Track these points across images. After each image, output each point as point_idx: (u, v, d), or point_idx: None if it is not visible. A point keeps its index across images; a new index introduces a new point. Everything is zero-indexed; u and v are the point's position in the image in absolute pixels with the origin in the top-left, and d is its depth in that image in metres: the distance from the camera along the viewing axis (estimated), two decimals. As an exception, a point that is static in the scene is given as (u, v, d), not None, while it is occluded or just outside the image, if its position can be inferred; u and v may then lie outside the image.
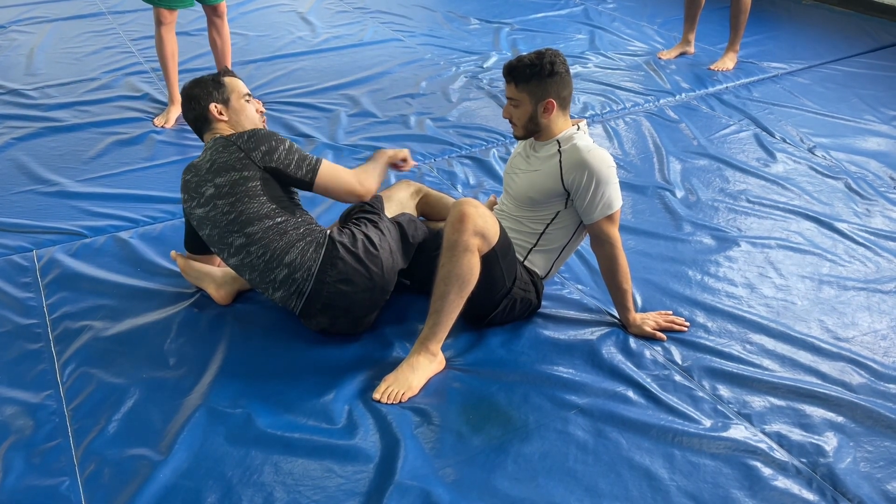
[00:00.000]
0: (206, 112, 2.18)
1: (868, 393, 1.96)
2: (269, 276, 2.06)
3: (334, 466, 1.74)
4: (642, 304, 2.28)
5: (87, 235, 2.64)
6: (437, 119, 3.54)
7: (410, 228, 2.23)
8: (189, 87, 2.22)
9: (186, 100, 2.20)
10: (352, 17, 5.01)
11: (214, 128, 2.19)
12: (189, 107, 2.20)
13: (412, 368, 1.97)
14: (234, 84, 2.24)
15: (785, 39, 4.64)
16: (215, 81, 2.22)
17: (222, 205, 2.05)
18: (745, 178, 3.05)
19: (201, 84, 2.21)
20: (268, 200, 2.06)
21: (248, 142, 2.08)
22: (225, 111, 2.19)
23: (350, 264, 2.03)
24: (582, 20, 4.95)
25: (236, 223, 2.04)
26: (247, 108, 2.22)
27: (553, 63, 2.05)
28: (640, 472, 1.73)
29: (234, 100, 2.21)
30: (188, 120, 2.23)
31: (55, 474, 1.72)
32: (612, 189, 2.08)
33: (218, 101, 2.19)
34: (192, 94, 2.19)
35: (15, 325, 2.20)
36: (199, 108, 2.18)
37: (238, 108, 2.21)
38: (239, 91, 2.23)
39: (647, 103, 3.73)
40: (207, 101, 2.18)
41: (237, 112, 2.20)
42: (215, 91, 2.19)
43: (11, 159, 3.15)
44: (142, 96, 3.75)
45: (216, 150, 2.10)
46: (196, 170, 2.14)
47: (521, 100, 2.08)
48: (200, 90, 2.19)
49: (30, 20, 4.81)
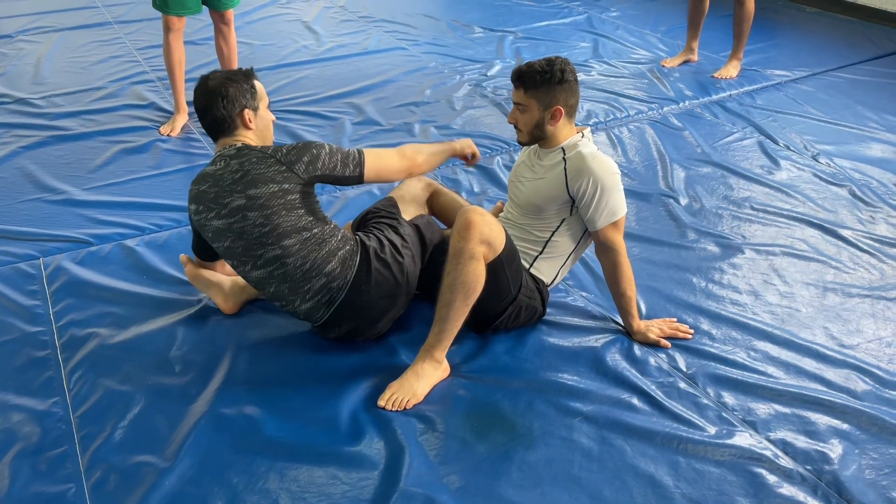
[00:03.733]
0: (235, 115, 2.00)
1: (873, 400, 1.96)
2: (304, 287, 2.00)
3: (339, 473, 1.75)
4: (647, 312, 2.28)
5: (93, 243, 2.65)
6: (441, 127, 3.56)
7: (428, 231, 2.22)
8: (220, 83, 1.98)
9: (216, 95, 1.97)
10: (356, 25, 5.03)
11: (237, 134, 2.03)
12: (217, 104, 1.97)
13: (417, 376, 1.97)
14: (262, 90, 2.09)
15: (788, 47, 4.65)
16: (250, 83, 2.03)
17: (255, 216, 1.94)
18: (749, 185, 3.05)
19: (235, 83, 2.00)
20: (305, 213, 1.97)
21: (289, 154, 1.96)
22: (254, 119, 2.03)
23: (381, 272, 2.03)
24: (585, 28, 4.97)
25: (271, 235, 1.95)
26: (270, 122, 2.10)
27: (563, 71, 2.07)
28: (645, 480, 1.73)
29: (262, 108, 2.06)
30: (209, 117, 2.00)
31: (61, 481, 1.73)
32: (617, 196, 2.08)
33: (251, 107, 2.02)
34: (224, 91, 1.97)
35: (22, 332, 2.21)
36: (231, 108, 1.99)
37: (265, 117, 2.08)
38: (266, 99, 2.10)
39: (651, 111, 3.74)
40: (241, 104, 2.00)
41: (264, 122, 2.07)
42: (249, 95, 2.01)
43: (18, 168, 3.17)
44: (148, 105, 3.77)
45: (248, 162, 1.95)
46: (215, 179, 1.99)
47: (529, 105, 2.08)
48: (236, 90, 1.99)
49: (36, 30, 4.85)
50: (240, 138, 2.03)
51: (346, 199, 2.95)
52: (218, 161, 2.02)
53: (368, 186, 3.04)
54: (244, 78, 2.03)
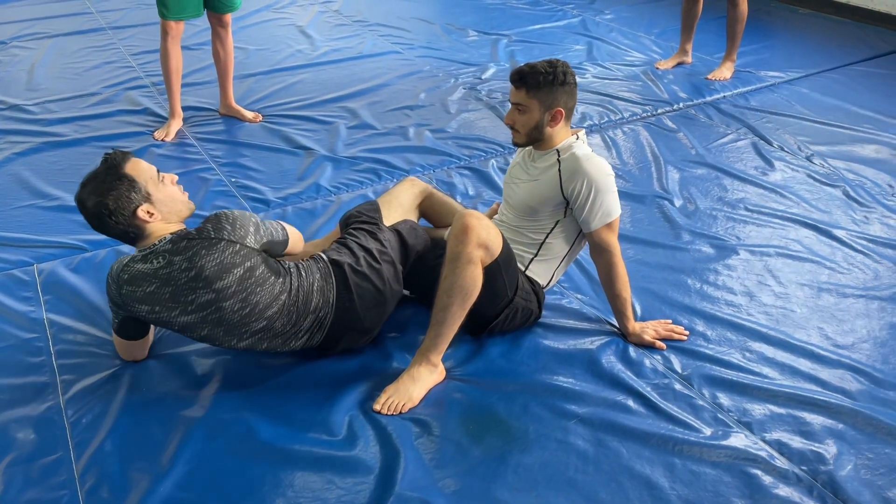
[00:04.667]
0: (133, 220, 1.83)
1: (868, 400, 1.96)
2: (295, 330, 1.97)
3: (334, 478, 1.74)
4: (641, 313, 2.28)
5: (87, 249, 2.64)
6: (436, 130, 3.56)
7: (410, 236, 2.20)
8: (96, 202, 1.79)
9: (102, 217, 1.81)
10: (351, 30, 5.03)
11: (149, 233, 1.86)
12: (109, 223, 1.82)
13: (413, 379, 1.97)
14: (141, 169, 1.86)
15: (782, 48, 4.66)
16: (121, 179, 1.81)
17: (231, 304, 1.86)
18: (744, 186, 3.05)
19: (111, 192, 1.80)
20: (274, 279, 1.90)
21: (238, 230, 1.86)
22: (153, 208, 1.84)
23: (361, 284, 2.01)
24: (579, 31, 4.97)
25: (253, 314, 1.89)
26: (170, 191, 1.89)
27: (565, 73, 2.07)
28: (641, 482, 1.73)
29: (153, 189, 1.85)
30: (113, 236, 1.88)
31: (55, 487, 1.72)
32: (611, 197, 2.08)
33: (141, 201, 1.82)
34: (106, 209, 1.80)
35: (16, 338, 2.20)
36: (124, 219, 1.81)
37: (163, 196, 1.87)
38: (151, 175, 1.87)
39: (645, 113, 3.75)
40: (130, 208, 1.81)
41: (165, 202, 1.87)
42: (131, 193, 1.81)
43: (12, 174, 3.16)
44: (142, 110, 3.77)
45: (197, 255, 1.82)
46: (164, 280, 1.84)
47: (530, 106, 2.08)
48: (115, 201, 1.80)
49: (30, 36, 4.84)
50: (154, 234, 1.87)
51: (339, 202, 2.95)
52: (153, 259, 1.86)
53: (364, 190, 3.04)
54: (114, 178, 1.81)
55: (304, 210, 2.91)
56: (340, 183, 3.10)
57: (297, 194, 3.01)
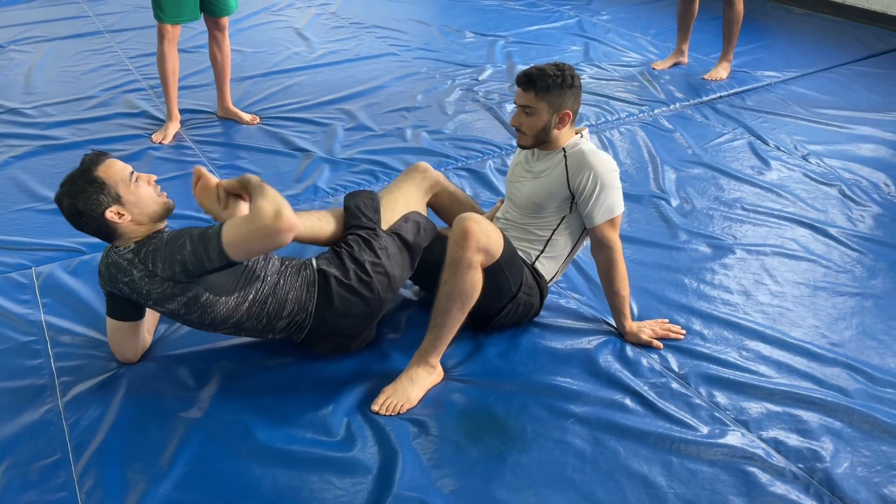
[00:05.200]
0: (103, 221, 1.86)
1: (864, 397, 1.97)
2: (269, 328, 2.01)
3: (333, 479, 1.75)
4: (639, 313, 2.29)
5: (85, 252, 2.65)
6: (433, 132, 3.56)
7: (413, 235, 2.16)
8: (69, 203, 1.85)
9: (75, 217, 1.87)
10: (348, 32, 5.04)
11: (122, 232, 1.89)
12: (82, 222, 1.88)
13: (411, 381, 1.98)
14: (112, 171, 1.87)
15: (778, 48, 4.68)
16: (93, 182, 1.84)
17: (192, 318, 1.94)
18: (740, 186, 3.06)
19: (81, 194, 1.84)
20: (227, 298, 1.91)
21: (167, 269, 1.84)
22: (123, 209, 1.86)
23: (345, 297, 2.01)
24: (576, 32, 4.98)
25: (215, 324, 1.96)
26: (141, 191, 1.90)
27: (573, 76, 2.09)
28: (638, 480, 1.74)
29: (123, 192, 1.86)
30: (88, 234, 1.93)
31: (54, 489, 1.72)
32: (615, 194, 2.09)
33: (109, 203, 1.85)
34: (77, 210, 1.85)
35: (15, 341, 2.20)
36: (94, 220, 1.86)
37: (133, 199, 1.87)
38: (122, 177, 1.88)
39: (642, 113, 3.76)
40: (99, 210, 1.84)
41: (135, 203, 1.88)
42: (101, 195, 1.84)
43: (10, 177, 3.17)
44: (139, 113, 3.77)
45: (139, 282, 1.88)
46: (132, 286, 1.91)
47: (538, 108, 2.08)
48: (84, 203, 1.84)
49: (28, 39, 4.84)
50: (126, 235, 1.91)
51: (337, 204, 2.95)
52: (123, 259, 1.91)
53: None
54: (85, 181, 1.85)
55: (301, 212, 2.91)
56: (338, 184, 3.10)
57: (294, 196, 3.01)
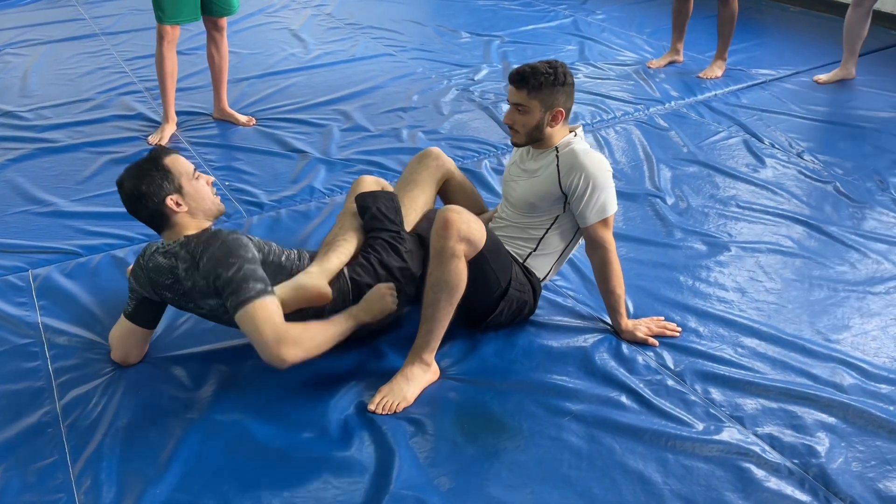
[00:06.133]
0: (162, 208, 1.93)
1: (859, 393, 1.97)
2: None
3: (330, 478, 1.75)
4: (634, 311, 2.30)
5: (82, 254, 2.65)
6: (429, 132, 3.57)
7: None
8: (132, 185, 1.92)
9: (134, 199, 1.93)
10: (343, 33, 5.05)
11: (175, 222, 1.95)
12: (140, 205, 1.93)
13: (407, 379, 1.98)
14: (178, 164, 1.97)
15: (772, 46, 4.69)
16: (159, 169, 1.93)
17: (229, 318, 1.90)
18: (735, 183, 3.07)
19: (146, 178, 1.92)
20: None
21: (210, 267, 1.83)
22: (182, 200, 1.94)
23: None
24: (571, 31, 4.99)
25: None
26: (201, 188, 1.98)
27: (565, 73, 2.09)
28: (634, 477, 1.74)
29: (185, 183, 1.95)
30: (141, 219, 1.98)
31: (52, 491, 1.72)
32: (608, 193, 2.10)
33: (171, 192, 1.93)
34: (139, 192, 1.91)
35: (12, 344, 2.20)
36: (153, 204, 1.92)
37: (193, 191, 1.96)
38: (186, 171, 1.97)
39: (637, 112, 3.77)
40: (161, 195, 1.92)
41: (194, 197, 1.96)
42: (165, 182, 1.92)
43: (6, 180, 3.17)
44: (135, 115, 3.77)
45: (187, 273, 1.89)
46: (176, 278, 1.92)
47: (531, 107, 2.08)
48: (148, 186, 1.91)
49: (24, 43, 4.85)
50: (179, 227, 1.96)
51: (334, 204, 2.96)
52: (170, 257, 1.93)
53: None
54: (152, 166, 1.94)
55: (298, 212, 2.92)
56: (334, 185, 3.11)
57: (290, 197, 3.02)
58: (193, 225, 1.98)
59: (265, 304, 1.80)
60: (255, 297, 1.79)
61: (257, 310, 1.79)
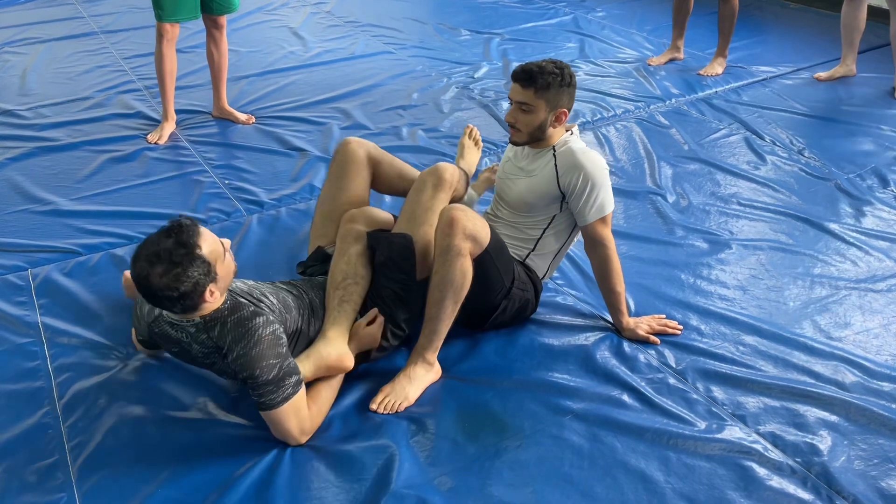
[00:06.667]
0: (198, 302, 1.68)
1: (861, 391, 1.97)
2: None
3: (331, 477, 1.74)
4: (636, 309, 2.29)
5: (81, 253, 2.64)
6: (429, 130, 3.56)
7: None
8: (167, 284, 1.61)
9: (171, 299, 1.64)
10: (343, 30, 5.04)
11: (200, 308, 1.72)
12: (175, 305, 1.66)
13: (409, 379, 1.98)
14: (213, 247, 1.68)
15: (773, 43, 4.68)
16: (195, 262, 1.63)
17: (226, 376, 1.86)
18: (736, 181, 3.06)
19: (183, 276, 1.61)
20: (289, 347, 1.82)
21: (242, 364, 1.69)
22: (216, 287, 1.69)
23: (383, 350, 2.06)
24: (572, 29, 4.98)
25: None
26: (229, 265, 1.74)
27: (571, 75, 2.09)
28: (636, 476, 1.74)
29: (220, 269, 1.69)
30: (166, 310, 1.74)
31: (52, 491, 1.72)
32: (606, 192, 2.10)
33: (210, 281, 1.67)
34: (178, 293, 1.63)
35: (11, 343, 2.20)
36: (193, 301, 1.66)
37: (224, 273, 1.71)
38: (219, 252, 1.70)
39: (638, 109, 3.76)
40: (200, 289, 1.65)
41: (224, 279, 1.72)
42: (205, 275, 1.65)
43: (5, 179, 3.16)
44: (135, 114, 3.76)
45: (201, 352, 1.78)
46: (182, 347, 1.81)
47: (537, 106, 2.06)
48: (188, 285, 1.62)
49: (22, 41, 4.83)
50: (197, 311, 1.73)
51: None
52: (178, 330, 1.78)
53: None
54: (188, 260, 1.62)
55: (298, 211, 2.91)
56: (334, 183, 3.10)
57: (290, 195, 3.01)
58: (216, 304, 1.75)
59: (295, 402, 1.74)
60: (288, 396, 1.72)
61: (288, 411, 1.74)
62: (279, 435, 1.80)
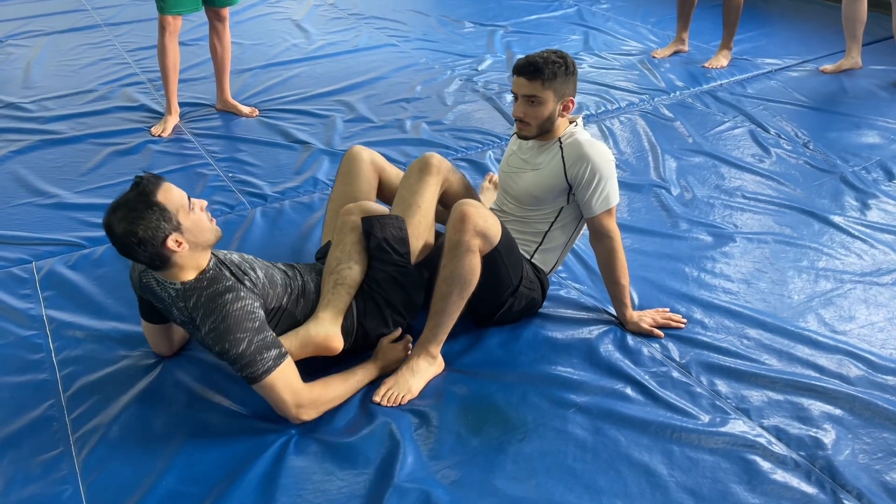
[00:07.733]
0: (162, 250, 1.73)
1: (865, 385, 1.97)
2: None
3: (334, 469, 1.75)
4: (639, 302, 2.29)
5: (85, 246, 2.65)
6: (432, 123, 3.55)
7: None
8: (125, 230, 1.70)
9: (130, 246, 1.72)
10: (346, 23, 5.02)
11: (174, 263, 1.77)
12: (137, 251, 1.72)
13: (412, 372, 1.98)
14: (172, 196, 1.75)
15: (778, 35, 4.66)
16: (153, 207, 1.71)
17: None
18: (741, 174, 3.05)
19: (140, 220, 1.70)
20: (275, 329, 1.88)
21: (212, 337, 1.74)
22: (181, 238, 1.75)
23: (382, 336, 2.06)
24: (576, 21, 4.97)
25: None
26: (198, 219, 1.79)
27: (573, 62, 2.09)
28: (640, 469, 1.74)
29: (183, 218, 1.75)
30: (138, 262, 1.79)
31: (57, 483, 1.73)
32: (612, 184, 2.09)
33: (170, 231, 1.73)
34: (135, 237, 1.70)
35: (16, 336, 2.20)
36: (153, 248, 1.72)
37: (191, 225, 1.76)
38: (182, 203, 1.76)
39: (642, 102, 3.74)
40: (159, 237, 1.71)
41: (193, 231, 1.76)
42: (161, 221, 1.71)
43: (10, 172, 3.16)
44: (138, 107, 3.76)
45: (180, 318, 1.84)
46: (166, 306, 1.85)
47: (545, 97, 2.05)
48: (145, 230, 1.70)
49: (26, 34, 4.83)
50: (178, 266, 1.78)
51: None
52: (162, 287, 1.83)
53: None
54: (144, 205, 1.71)
55: (301, 204, 2.91)
56: (338, 176, 3.09)
57: (294, 188, 3.01)
58: (192, 264, 1.79)
59: (281, 372, 1.77)
60: (270, 368, 1.75)
61: (275, 381, 1.76)
62: (277, 410, 1.83)
